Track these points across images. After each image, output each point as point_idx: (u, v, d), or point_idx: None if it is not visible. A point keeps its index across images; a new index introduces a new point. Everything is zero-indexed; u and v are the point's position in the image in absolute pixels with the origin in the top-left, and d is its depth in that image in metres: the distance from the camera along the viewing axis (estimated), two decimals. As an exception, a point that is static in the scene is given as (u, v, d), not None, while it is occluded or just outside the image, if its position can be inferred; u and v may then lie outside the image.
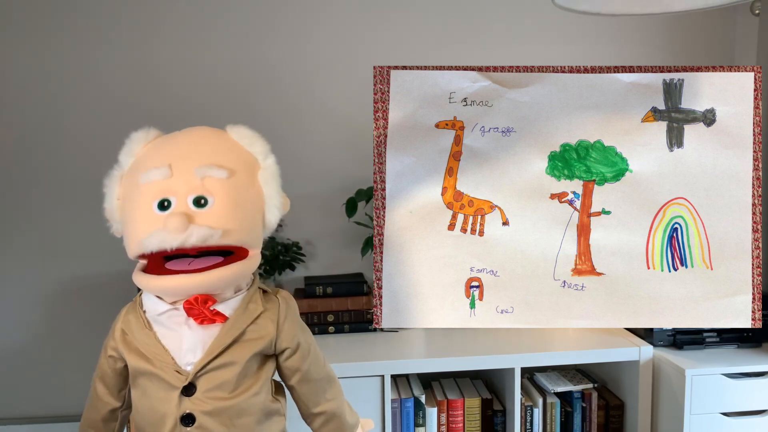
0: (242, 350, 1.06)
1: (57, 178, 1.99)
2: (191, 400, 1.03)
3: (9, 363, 2.04)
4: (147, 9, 1.96)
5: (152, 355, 1.05)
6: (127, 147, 1.10)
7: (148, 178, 1.02)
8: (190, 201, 1.00)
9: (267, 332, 1.09)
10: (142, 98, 1.99)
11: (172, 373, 1.03)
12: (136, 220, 1.02)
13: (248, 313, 1.08)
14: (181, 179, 1.01)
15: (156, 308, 1.06)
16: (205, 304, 1.02)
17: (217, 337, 1.04)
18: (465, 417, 1.82)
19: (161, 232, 0.97)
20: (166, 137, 1.10)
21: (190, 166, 1.02)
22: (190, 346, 1.04)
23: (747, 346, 1.79)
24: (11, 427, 2.02)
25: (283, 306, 1.13)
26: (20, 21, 1.92)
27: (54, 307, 2.03)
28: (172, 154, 1.04)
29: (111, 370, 1.12)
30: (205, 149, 1.06)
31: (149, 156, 1.06)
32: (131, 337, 1.08)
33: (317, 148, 2.07)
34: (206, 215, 1.00)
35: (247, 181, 1.07)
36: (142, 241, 0.99)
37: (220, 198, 1.01)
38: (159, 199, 1.00)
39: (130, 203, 1.04)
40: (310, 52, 2.03)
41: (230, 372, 1.05)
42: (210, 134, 1.10)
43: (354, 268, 2.12)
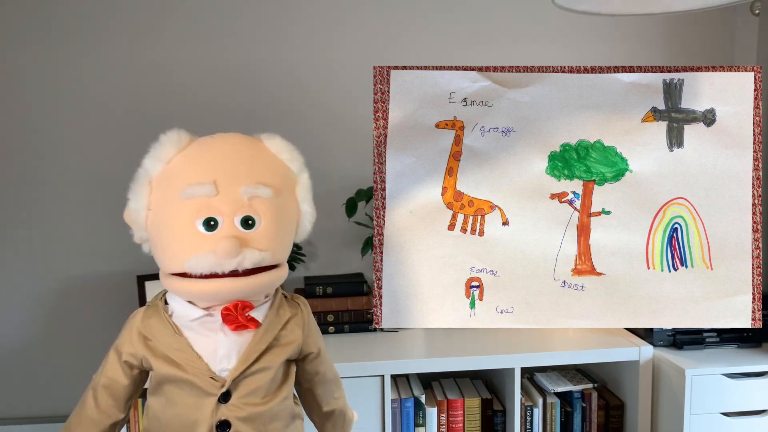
0: (276, 356, 1.06)
1: (57, 178, 1.99)
2: (227, 407, 1.02)
3: (9, 363, 2.04)
4: (149, 9, 1.96)
5: (184, 362, 1.02)
6: (156, 151, 1.03)
7: (191, 194, 0.97)
8: (237, 222, 0.98)
9: (296, 337, 1.09)
10: (143, 98, 1.99)
11: (206, 380, 1.01)
12: (178, 237, 0.98)
13: (279, 318, 1.08)
14: (228, 198, 0.98)
15: (188, 314, 1.03)
16: (243, 310, 1.00)
17: (251, 343, 1.03)
18: (465, 417, 1.82)
19: (212, 256, 0.95)
20: (201, 144, 1.04)
21: (237, 184, 0.99)
22: (225, 352, 1.02)
23: (747, 346, 1.79)
24: (11, 427, 2.02)
25: (305, 311, 1.14)
26: (21, 20, 1.92)
27: (54, 307, 2.03)
28: (215, 170, 0.99)
29: (126, 377, 1.07)
30: (250, 165, 1.02)
31: (188, 168, 1.01)
32: (156, 342, 1.04)
33: (317, 148, 2.07)
34: (255, 237, 0.98)
35: (288, 197, 1.06)
36: (187, 262, 0.96)
37: (267, 218, 1.00)
38: (204, 217, 0.97)
39: (168, 218, 1.00)
40: (310, 52, 2.03)
41: (264, 378, 1.04)
42: (249, 146, 1.06)
43: (354, 268, 2.12)
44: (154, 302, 1.09)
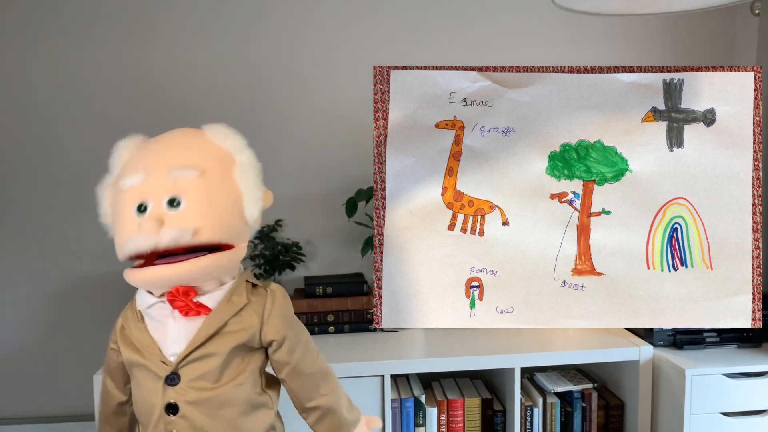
0: (224, 342, 1.09)
1: (57, 178, 1.99)
2: (175, 390, 1.07)
3: (9, 363, 2.04)
4: (149, 9, 1.96)
5: (142, 347, 1.09)
6: (114, 155, 1.15)
7: (127, 185, 1.07)
8: (164, 203, 1.04)
9: (250, 324, 1.11)
10: (144, 99, 1.99)
11: (158, 364, 1.08)
12: (120, 225, 1.07)
13: (231, 305, 1.10)
14: (155, 182, 1.05)
15: (145, 301, 1.10)
16: (187, 295, 1.06)
17: (199, 328, 1.08)
18: (465, 417, 1.82)
19: (136, 236, 1.02)
20: (144, 143, 1.15)
21: (163, 169, 1.06)
22: (175, 337, 1.08)
23: (747, 346, 1.79)
24: (11, 427, 2.02)
25: (270, 299, 1.13)
26: (22, 20, 1.92)
27: (54, 307, 2.03)
28: (147, 160, 1.09)
29: (115, 364, 1.18)
30: (178, 151, 1.09)
31: (129, 163, 1.11)
32: (127, 330, 1.13)
33: (317, 148, 2.07)
34: (178, 216, 1.04)
35: (220, 177, 1.09)
36: (122, 247, 1.05)
37: (192, 197, 1.05)
38: (136, 203, 1.05)
39: (115, 210, 1.10)
40: (309, 52, 2.03)
41: (213, 363, 1.08)
42: (185, 135, 1.13)
43: (354, 268, 2.12)
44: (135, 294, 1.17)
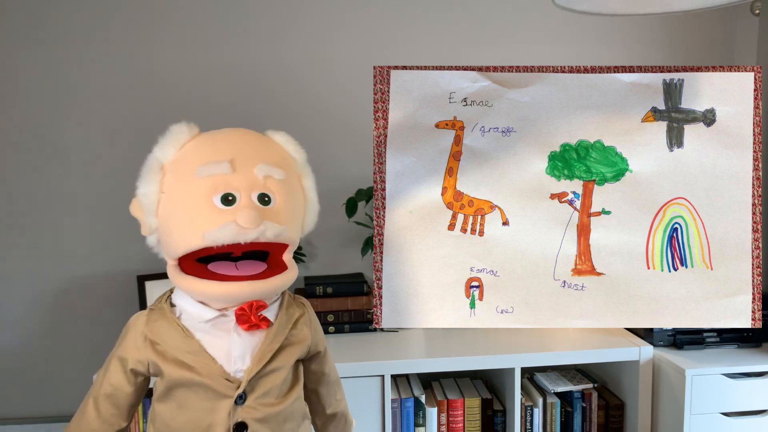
0: (288, 355, 1.06)
1: (57, 179, 1.99)
2: (243, 409, 1.01)
3: (9, 363, 2.04)
4: (150, 10, 1.96)
5: (198, 364, 1.00)
6: (167, 139, 1.04)
7: (207, 172, 0.98)
8: (254, 197, 0.99)
9: (305, 336, 1.10)
10: (144, 100, 1.99)
11: (222, 382, 1.00)
12: (196, 214, 0.97)
13: (289, 317, 1.09)
14: (244, 175, 0.99)
15: (202, 315, 1.01)
16: (257, 310, 1.00)
17: (264, 342, 1.03)
18: (465, 417, 1.82)
19: (233, 226, 0.94)
20: (212, 133, 1.07)
21: (252, 163, 1.01)
22: (240, 353, 1.02)
23: (747, 346, 1.79)
24: (11, 427, 2.02)
25: (310, 311, 1.15)
26: (21, 21, 1.92)
27: (54, 307, 2.03)
28: (231, 150, 1.02)
29: (131, 385, 1.05)
30: (262, 149, 1.06)
31: (203, 149, 1.03)
32: (166, 347, 1.02)
33: (317, 148, 2.05)
34: (272, 212, 0.99)
35: (296, 184, 1.09)
36: (207, 234, 0.95)
37: (281, 197, 1.02)
38: (222, 193, 0.97)
39: (184, 195, 0.99)
40: (310, 52, 2.03)
41: (278, 378, 1.05)
42: (258, 135, 1.09)
43: (354, 268, 2.12)
44: (159, 305, 1.07)
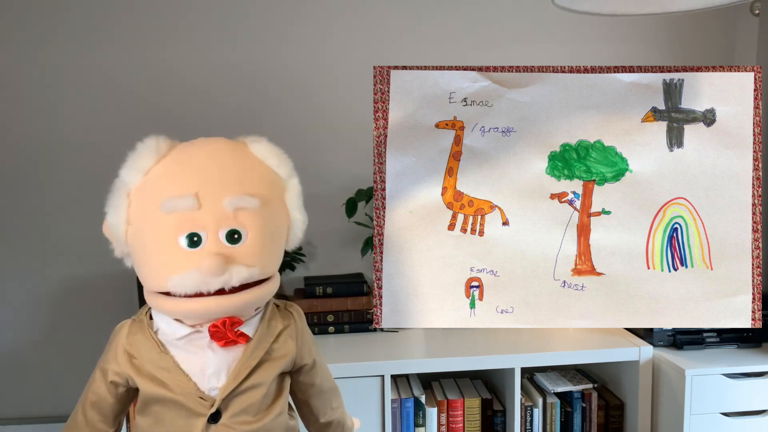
0: (268, 371, 1.01)
1: (57, 178, 1.99)
2: (217, 427, 0.97)
3: (9, 363, 2.04)
4: (149, 10, 1.96)
5: (171, 381, 0.97)
6: (133, 161, 0.96)
7: (172, 207, 0.91)
8: (222, 235, 0.92)
9: (288, 350, 1.05)
10: (143, 98, 1.99)
11: (195, 400, 0.97)
12: (160, 255, 0.93)
13: (270, 331, 1.03)
14: (211, 211, 0.92)
15: (175, 332, 0.98)
16: (231, 326, 0.96)
17: (241, 359, 0.99)
18: (465, 417, 1.82)
19: (197, 275, 0.89)
20: (181, 152, 0.98)
21: (220, 196, 0.93)
22: (214, 370, 0.98)
23: (747, 346, 1.79)
24: (11, 427, 2.02)
25: (299, 321, 1.09)
26: (24, 18, 1.92)
27: (54, 307, 2.03)
28: (197, 181, 0.93)
29: (111, 396, 1.03)
30: (234, 174, 0.96)
31: (168, 179, 0.95)
32: (142, 360, 0.99)
33: (317, 148, 2.07)
34: (242, 252, 0.93)
35: (277, 206, 1.01)
36: (170, 282, 0.91)
37: (254, 231, 0.94)
38: (186, 233, 0.91)
39: (149, 234, 0.94)
40: (310, 52, 2.03)
41: (256, 394, 1.00)
42: (233, 152, 0.99)
43: (354, 268, 2.12)
44: (140, 317, 1.04)
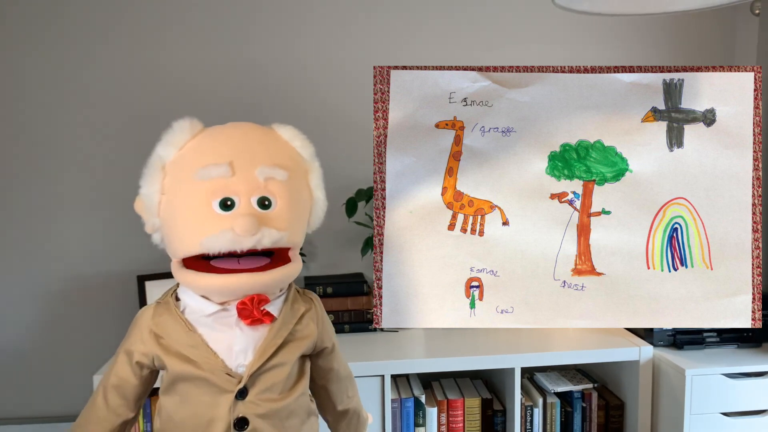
0: (292, 351, 1.05)
1: (57, 178, 1.99)
2: (244, 404, 1.00)
3: (9, 363, 2.04)
4: (152, 8, 1.96)
5: (199, 358, 1.00)
6: (169, 137, 1.03)
7: (207, 175, 0.97)
8: (254, 202, 0.98)
9: (310, 332, 1.09)
10: (144, 99, 1.99)
11: (223, 377, 1.00)
12: (194, 218, 0.97)
13: (294, 312, 1.07)
14: (244, 179, 0.97)
15: (203, 309, 1.01)
16: (259, 304, 0.99)
17: (267, 337, 1.02)
18: (465, 417, 1.82)
19: (230, 234, 0.94)
20: (214, 130, 1.05)
21: (252, 166, 0.99)
22: (241, 347, 1.01)
23: (747, 346, 1.79)
24: (11, 427, 2.02)
25: (318, 306, 1.14)
26: (24, 21, 1.92)
27: (54, 307, 2.03)
28: (231, 152, 0.99)
29: (136, 378, 1.06)
30: (264, 148, 1.03)
31: (203, 151, 1.01)
32: (169, 340, 1.02)
33: (317, 147, 2.06)
34: (271, 217, 0.98)
35: (301, 182, 1.06)
36: (204, 241, 0.95)
37: (283, 200, 1.00)
38: (220, 197, 0.96)
39: (184, 199, 0.99)
40: (310, 51, 2.03)
41: (282, 373, 1.03)
42: (263, 132, 1.07)
43: (354, 268, 2.12)
44: (165, 299, 1.07)
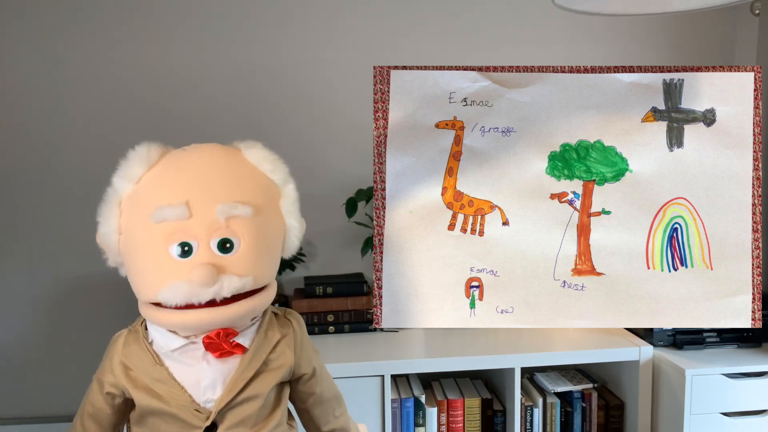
0: (265, 382, 1.00)
1: (57, 178, 1.99)
2: None
3: (9, 363, 2.04)
4: (150, 10, 1.96)
5: (166, 393, 0.95)
6: (124, 169, 0.96)
7: (162, 217, 0.90)
8: (213, 245, 0.91)
9: (286, 360, 1.03)
10: (144, 99, 1.99)
11: (190, 413, 0.95)
12: (151, 265, 0.92)
13: (267, 341, 1.01)
14: (202, 220, 0.90)
15: (169, 344, 0.96)
16: (226, 338, 0.94)
17: (237, 370, 0.97)
18: (465, 417, 1.82)
19: (187, 286, 0.88)
20: (172, 160, 0.97)
21: (212, 204, 0.91)
22: (209, 382, 0.96)
23: (747, 346, 1.79)
24: (11, 427, 2.02)
25: (298, 330, 1.07)
26: (26, 18, 1.92)
27: (54, 307, 2.03)
28: (188, 189, 0.92)
29: (109, 407, 1.01)
30: (226, 181, 0.94)
31: (159, 188, 0.93)
32: (137, 372, 0.97)
33: (317, 148, 2.07)
34: (234, 261, 0.91)
35: (271, 213, 0.99)
36: (161, 293, 0.90)
37: (247, 240, 0.92)
38: (177, 242, 0.90)
39: (140, 243, 0.93)
40: (310, 52, 2.03)
41: (253, 406, 0.98)
42: (226, 159, 0.98)
43: (354, 268, 2.12)
44: (135, 327, 1.03)
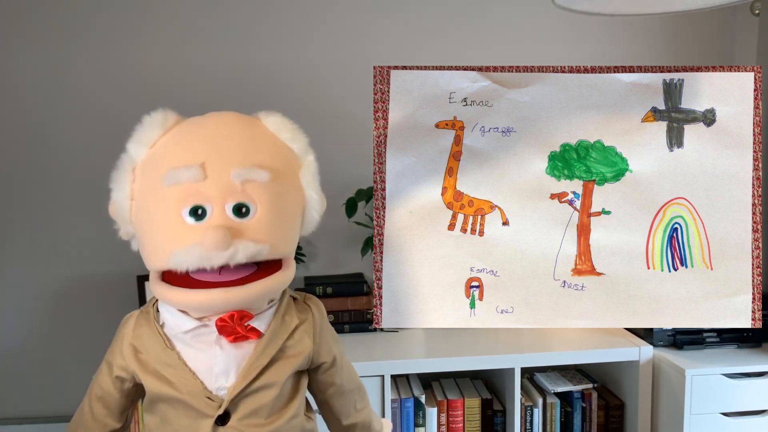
0: (281, 370, 0.94)
1: (57, 178, 1.99)
2: (225, 430, 0.91)
3: (9, 363, 2.04)
4: (146, 9, 1.96)
5: (176, 379, 0.91)
6: (139, 134, 0.91)
7: (175, 180, 0.85)
8: (229, 209, 0.86)
9: (304, 347, 0.97)
10: (142, 99, 1.98)
11: (202, 400, 0.90)
12: (162, 229, 0.87)
13: (284, 327, 0.95)
14: (217, 183, 0.85)
15: (180, 325, 0.91)
16: (241, 321, 0.88)
17: (252, 356, 0.91)
18: (465, 417, 1.82)
19: (199, 249, 0.82)
20: (189, 124, 0.93)
21: (227, 167, 0.86)
22: (222, 368, 0.91)
23: (747, 346, 1.79)
24: (11, 427, 2.02)
25: (317, 316, 1.01)
26: (20, 20, 1.92)
27: (54, 307, 2.03)
28: (203, 151, 0.87)
29: (117, 391, 0.97)
30: (242, 145, 0.90)
31: (173, 150, 0.89)
32: (147, 356, 0.93)
33: (317, 148, 2.05)
34: (250, 227, 0.86)
35: (290, 182, 0.94)
36: (172, 258, 0.84)
37: (265, 205, 0.88)
38: (191, 205, 0.85)
39: (152, 207, 0.88)
40: (310, 51, 2.03)
41: (268, 395, 0.93)
42: (244, 124, 0.93)
43: (354, 268, 2.12)
44: (146, 309, 0.98)
